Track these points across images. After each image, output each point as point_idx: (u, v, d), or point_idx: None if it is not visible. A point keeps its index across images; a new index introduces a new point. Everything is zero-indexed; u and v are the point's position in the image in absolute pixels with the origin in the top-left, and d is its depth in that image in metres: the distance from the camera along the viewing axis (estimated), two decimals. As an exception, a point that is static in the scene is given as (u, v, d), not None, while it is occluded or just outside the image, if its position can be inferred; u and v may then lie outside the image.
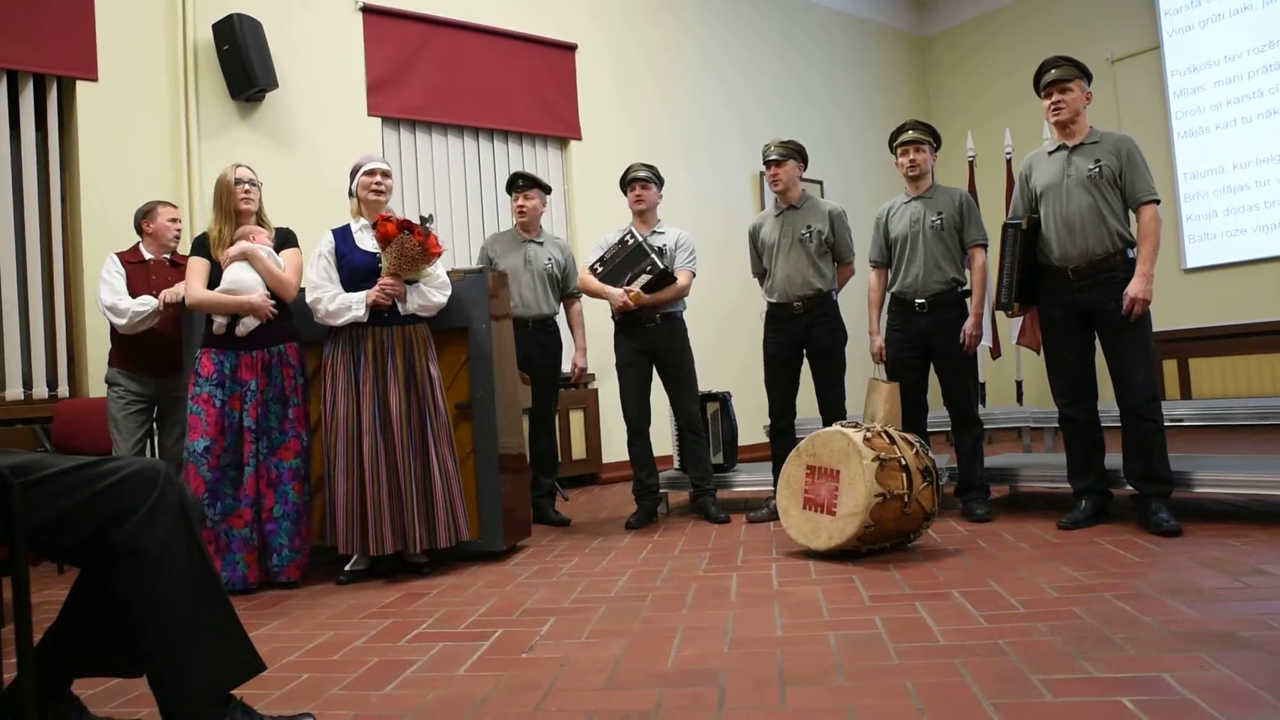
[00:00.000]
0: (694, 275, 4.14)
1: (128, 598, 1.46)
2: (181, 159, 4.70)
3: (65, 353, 4.43)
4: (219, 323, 3.23)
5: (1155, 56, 7.36)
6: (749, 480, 4.39)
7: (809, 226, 3.95)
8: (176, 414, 3.66)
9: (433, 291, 3.38)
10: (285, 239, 3.44)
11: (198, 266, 3.29)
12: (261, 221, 3.44)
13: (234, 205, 3.34)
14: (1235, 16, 6.97)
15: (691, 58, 7.02)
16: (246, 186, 3.35)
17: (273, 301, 3.26)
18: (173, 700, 1.48)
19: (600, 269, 4.10)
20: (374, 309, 3.28)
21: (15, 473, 1.38)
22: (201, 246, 3.34)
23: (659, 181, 4.23)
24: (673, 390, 4.15)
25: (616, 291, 3.99)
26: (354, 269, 3.34)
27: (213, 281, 3.27)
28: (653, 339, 4.07)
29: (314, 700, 1.93)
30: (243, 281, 3.23)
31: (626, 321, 4.10)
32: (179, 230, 3.87)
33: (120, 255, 3.74)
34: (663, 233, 4.18)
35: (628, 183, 4.21)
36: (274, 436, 3.25)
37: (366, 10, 5.42)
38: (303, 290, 3.38)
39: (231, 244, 3.30)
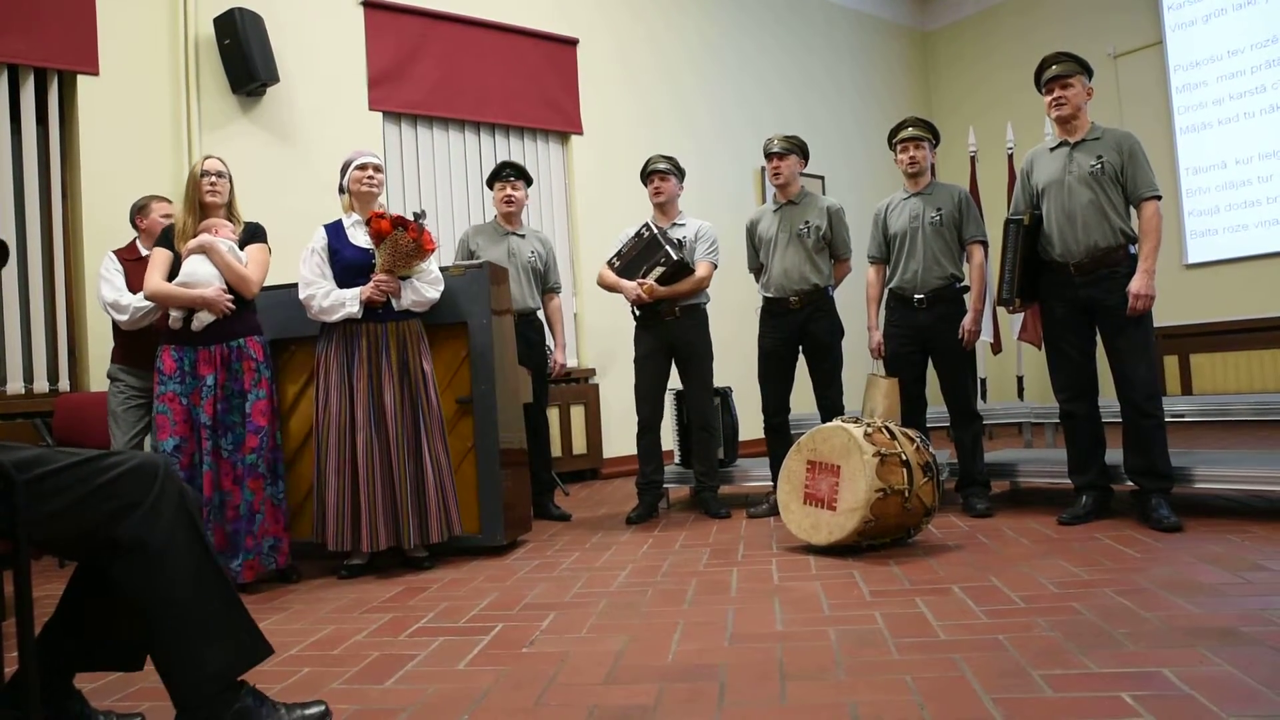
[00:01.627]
0: (715, 266, 4.10)
1: (134, 591, 1.47)
2: (183, 153, 4.69)
3: (66, 347, 4.43)
4: (174, 317, 3.15)
5: (1158, 51, 7.34)
6: (750, 475, 4.39)
7: (807, 222, 3.94)
8: None
9: (426, 287, 3.37)
10: (253, 234, 3.34)
11: (159, 258, 3.20)
12: (232, 215, 3.36)
13: (199, 197, 3.26)
14: (1238, 11, 6.94)
15: (694, 51, 7.00)
16: (213, 178, 3.27)
17: (230, 297, 3.17)
18: (184, 690, 1.49)
19: (617, 263, 4.08)
20: (368, 305, 3.27)
21: (18, 468, 1.38)
22: (166, 238, 3.28)
23: (679, 173, 4.21)
24: (687, 383, 4.14)
25: (630, 284, 3.98)
26: (347, 265, 3.33)
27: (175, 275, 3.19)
28: (672, 332, 4.05)
29: (314, 694, 1.93)
30: (197, 275, 3.13)
31: (647, 315, 4.08)
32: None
33: (117, 252, 3.72)
34: (684, 224, 4.17)
35: (647, 175, 4.20)
36: (237, 432, 3.15)
37: (368, 4, 5.41)
38: (294, 286, 3.36)
39: (194, 237, 3.22)
